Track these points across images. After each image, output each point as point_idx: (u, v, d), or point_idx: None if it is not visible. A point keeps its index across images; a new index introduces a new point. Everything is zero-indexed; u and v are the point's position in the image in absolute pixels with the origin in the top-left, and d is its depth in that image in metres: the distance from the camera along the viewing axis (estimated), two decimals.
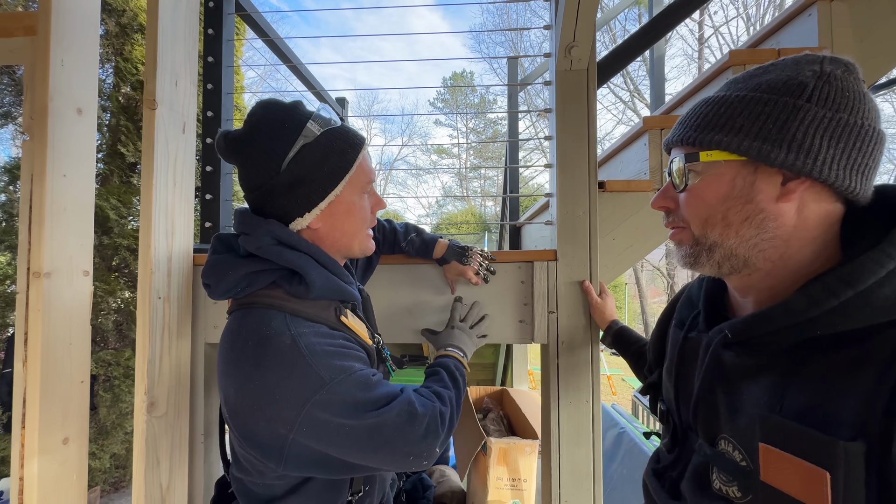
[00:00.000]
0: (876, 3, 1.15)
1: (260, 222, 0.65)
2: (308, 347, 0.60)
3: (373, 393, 0.63)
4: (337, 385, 0.60)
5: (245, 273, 0.65)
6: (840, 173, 0.43)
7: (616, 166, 1.57)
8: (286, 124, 0.64)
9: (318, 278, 0.66)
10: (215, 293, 0.67)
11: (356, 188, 0.69)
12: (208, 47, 1.27)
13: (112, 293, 3.05)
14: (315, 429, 0.59)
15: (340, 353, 0.63)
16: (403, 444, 0.63)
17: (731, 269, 0.49)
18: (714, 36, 10.90)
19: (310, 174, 0.64)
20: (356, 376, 0.62)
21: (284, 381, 0.59)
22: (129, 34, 3.17)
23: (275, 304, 0.64)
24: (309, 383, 0.59)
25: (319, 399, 0.58)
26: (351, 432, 0.60)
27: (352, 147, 0.67)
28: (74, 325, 0.96)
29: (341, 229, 0.70)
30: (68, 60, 0.95)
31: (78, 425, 0.96)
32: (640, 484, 1.93)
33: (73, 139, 0.96)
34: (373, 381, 0.64)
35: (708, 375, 0.51)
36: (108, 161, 3.12)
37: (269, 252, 0.64)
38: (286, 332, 0.61)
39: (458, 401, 0.75)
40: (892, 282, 0.39)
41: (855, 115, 0.42)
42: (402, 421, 0.62)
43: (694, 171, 0.49)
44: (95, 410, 2.93)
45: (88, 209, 1.00)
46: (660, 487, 0.56)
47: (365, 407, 0.61)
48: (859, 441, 0.36)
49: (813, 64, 0.45)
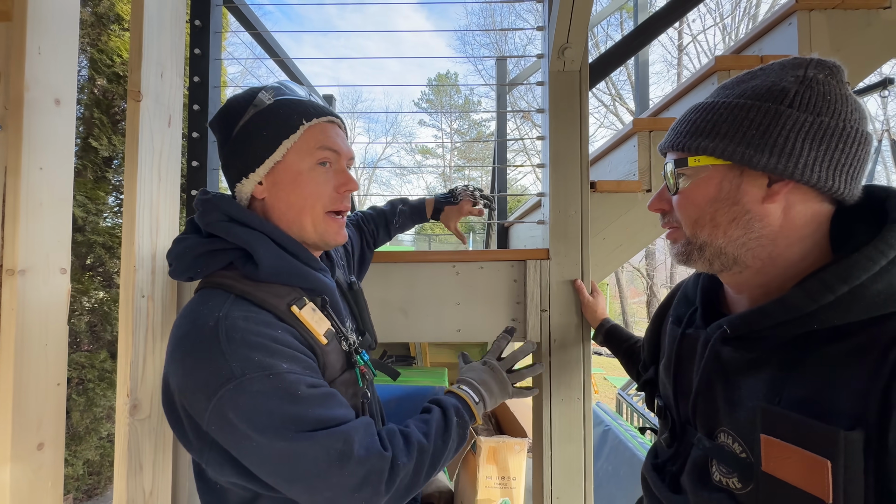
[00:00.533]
0: (851, 15, 1.20)
1: (211, 197, 0.63)
2: (227, 333, 0.52)
3: (297, 408, 0.52)
4: (249, 384, 0.50)
5: (201, 252, 0.61)
6: (823, 175, 0.44)
7: (605, 167, 1.60)
8: (244, 97, 0.64)
9: (268, 256, 0.59)
10: (175, 272, 0.63)
11: (304, 157, 0.63)
12: (195, 39, 1.23)
13: (86, 293, 2.92)
14: (222, 430, 0.51)
15: (268, 348, 0.53)
16: (325, 487, 0.52)
17: (722, 267, 0.51)
18: (692, 44, 11.25)
19: (251, 138, 0.62)
20: (278, 379, 0.52)
21: (196, 369, 0.52)
22: (105, 24, 3.05)
23: (224, 283, 0.59)
24: (217, 374, 0.50)
25: (226, 395, 0.50)
26: (258, 450, 0.50)
27: (298, 114, 0.63)
28: (51, 325, 0.92)
29: (287, 201, 0.63)
30: (46, 48, 0.90)
31: (54, 430, 0.92)
32: (625, 480, 1.97)
33: (50, 131, 0.91)
34: (303, 392, 0.53)
35: (707, 370, 0.53)
36: (81, 155, 2.99)
37: (219, 228, 0.60)
38: (214, 314, 0.54)
39: (438, 457, 0.61)
40: (885, 277, 0.41)
41: (836, 119, 0.44)
42: (329, 459, 0.51)
43: (684, 175, 0.52)
44: (68, 415, 2.81)
45: (67, 204, 0.96)
46: (660, 482, 0.57)
47: (281, 422, 0.50)
48: (858, 430, 0.37)
49: (797, 69, 0.46)
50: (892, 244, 0.41)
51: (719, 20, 10.67)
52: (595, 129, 12.71)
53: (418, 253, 1.14)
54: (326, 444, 0.52)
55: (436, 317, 1.13)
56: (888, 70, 7.79)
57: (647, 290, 12.09)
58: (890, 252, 0.41)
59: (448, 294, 1.13)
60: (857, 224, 0.46)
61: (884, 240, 0.42)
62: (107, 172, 3.11)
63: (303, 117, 0.63)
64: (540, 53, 1.24)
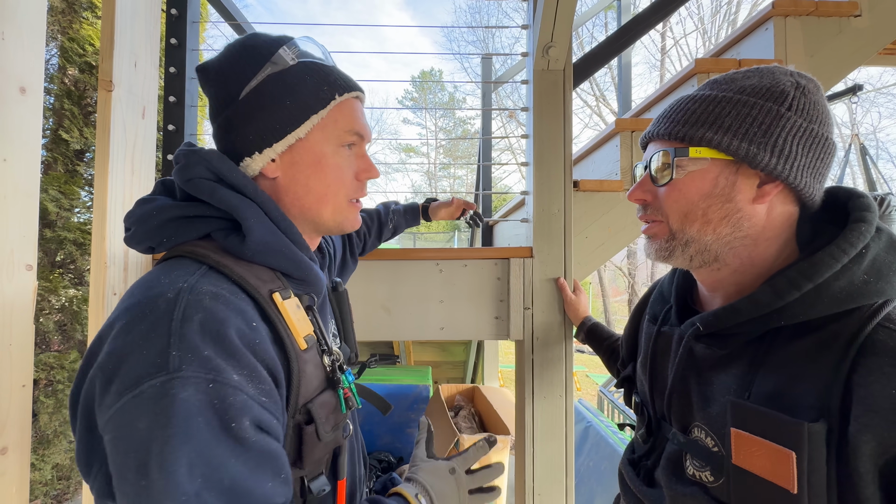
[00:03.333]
0: (825, 22, 1.25)
1: (198, 150, 0.51)
2: (185, 311, 0.39)
3: (220, 449, 0.37)
4: (180, 384, 0.36)
5: (172, 216, 0.48)
6: (808, 179, 0.46)
7: (587, 167, 1.62)
8: (258, 49, 0.52)
9: (259, 229, 0.48)
10: (133, 239, 0.49)
11: (330, 137, 0.53)
12: (171, 28, 1.20)
13: (55, 291, 2.81)
14: (117, 438, 0.36)
15: (225, 343, 0.40)
16: None
17: (702, 263, 0.51)
18: (674, 48, 11.49)
19: (269, 105, 0.51)
20: (220, 392, 0.37)
21: (126, 349, 0.38)
22: (76, 11, 2.93)
23: (197, 252, 0.47)
24: (146, 361, 0.37)
25: (145, 393, 0.36)
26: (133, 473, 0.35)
27: (330, 86, 0.53)
28: (15, 324, 0.87)
29: (305, 185, 0.53)
30: (10, 33, 0.86)
31: (18, 434, 0.88)
32: (606, 476, 2.00)
33: (14, 120, 0.87)
34: (240, 427, 0.38)
35: (681, 367, 0.54)
36: (52, 148, 2.87)
37: (202, 187, 0.48)
38: (176, 284, 0.41)
39: None
40: (846, 275, 0.42)
41: (822, 127, 0.46)
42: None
43: (679, 166, 0.50)
44: (36, 418, 2.70)
45: (32, 197, 0.91)
46: (635, 476, 0.58)
47: (190, 464, 0.35)
48: (821, 422, 0.39)
49: (787, 75, 0.48)
50: (853, 243, 0.43)
51: (700, 25, 10.92)
52: (580, 130, 12.88)
53: (402, 250, 1.13)
54: None
55: (419, 315, 1.13)
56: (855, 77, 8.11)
57: (629, 289, 12.31)
58: (851, 251, 0.43)
59: (432, 292, 1.13)
60: (822, 224, 0.48)
61: (845, 239, 0.43)
62: (78, 166, 2.99)
63: (335, 90, 0.53)
64: (525, 52, 1.24)
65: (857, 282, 0.42)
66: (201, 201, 0.49)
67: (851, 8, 1.26)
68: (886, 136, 12.16)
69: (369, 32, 36.28)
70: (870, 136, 10.09)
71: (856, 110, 3.40)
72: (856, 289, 0.42)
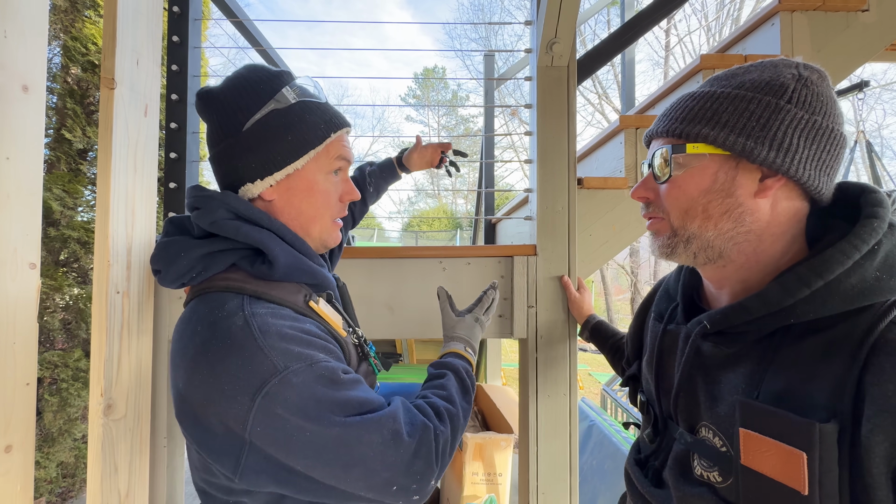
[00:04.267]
0: (832, 16, 1.23)
1: (214, 194, 0.58)
2: (261, 329, 0.51)
3: (341, 393, 0.52)
4: (293, 374, 0.49)
5: (200, 255, 0.56)
6: (811, 173, 0.45)
7: (591, 164, 1.61)
8: (262, 86, 0.59)
9: (283, 255, 0.57)
10: (166, 279, 0.58)
11: (322, 167, 0.62)
12: (173, 26, 1.19)
13: (59, 289, 2.82)
14: (270, 428, 0.49)
15: (302, 340, 0.53)
16: (383, 468, 0.51)
17: (706, 260, 0.51)
18: (678, 46, 11.42)
19: (272, 139, 0.58)
20: (319, 367, 0.52)
21: (233, 369, 0.49)
22: (79, 10, 2.93)
23: (232, 286, 0.55)
24: (259, 370, 0.49)
25: (271, 391, 0.48)
26: (313, 439, 0.49)
27: (326, 123, 0.61)
28: (19, 322, 0.88)
29: (298, 208, 0.62)
30: (12, 31, 0.86)
31: (23, 432, 0.88)
32: (609, 475, 1.99)
33: (17, 119, 0.87)
34: (342, 377, 0.53)
35: (687, 366, 0.53)
36: (55, 147, 2.88)
37: (226, 227, 0.56)
38: (239, 313, 0.52)
39: (466, 419, 0.64)
40: (858, 271, 0.41)
41: (827, 119, 0.45)
42: (384, 439, 0.52)
43: (677, 163, 0.50)
44: (41, 416, 2.71)
45: (36, 196, 0.91)
46: (643, 476, 0.58)
47: (330, 408, 0.50)
48: (833, 422, 0.38)
49: (791, 67, 0.47)
50: (864, 239, 0.42)
51: (704, 22, 10.85)
52: (583, 128, 12.83)
53: (404, 248, 1.12)
54: (378, 424, 0.52)
55: (422, 313, 1.12)
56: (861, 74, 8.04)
57: (632, 287, 12.28)
58: (863, 247, 0.42)
59: (435, 290, 1.12)
60: (832, 220, 0.47)
61: (857, 235, 0.42)
62: (81, 165, 3.00)
63: (330, 128, 0.61)
64: (528, 48, 1.23)
65: (869, 279, 0.41)
66: (221, 237, 0.57)
67: (859, 3, 1.24)
68: (891, 133, 12.07)
69: (370, 31, 36.21)
70: (875, 132, 10.02)
71: (861, 107, 3.37)
72: (868, 286, 0.41)
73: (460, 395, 0.66)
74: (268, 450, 0.49)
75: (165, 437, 1.09)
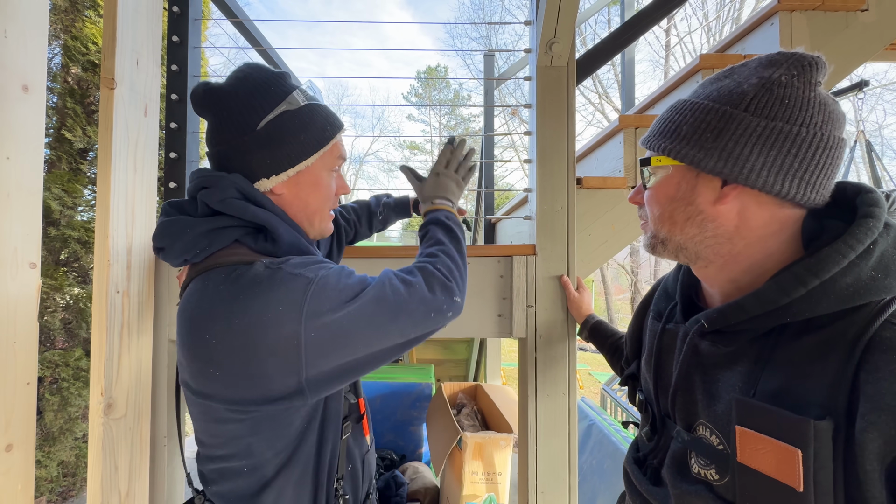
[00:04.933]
0: (831, 17, 1.23)
1: (223, 175, 0.62)
2: (284, 265, 0.58)
3: (355, 276, 0.61)
4: (323, 280, 0.57)
5: (205, 230, 0.59)
6: (770, 179, 0.45)
7: (590, 164, 1.61)
8: (272, 87, 0.63)
9: (286, 233, 0.63)
10: (171, 255, 0.61)
11: (326, 165, 0.68)
12: (173, 26, 1.19)
13: (59, 289, 2.83)
14: (323, 327, 0.55)
15: (317, 261, 0.61)
16: (416, 306, 0.60)
17: (687, 259, 0.54)
18: (678, 45, 11.41)
19: (286, 138, 0.63)
20: (334, 269, 0.60)
21: (272, 300, 0.54)
22: (79, 10, 2.94)
23: (244, 259, 0.60)
24: (295, 287, 0.55)
25: (313, 298, 0.55)
26: (358, 313, 0.57)
27: (331, 126, 0.67)
28: (19, 322, 0.88)
29: (304, 201, 0.67)
30: (12, 31, 0.86)
31: (23, 431, 0.88)
32: (609, 474, 2.00)
33: (18, 118, 0.87)
34: (349, 269, 0.62)
35: (685, 364, 0.53)
36: (55, 146, 2.88)
37: (233, 206, 0.60)
38: (257, 264, 0.58)
39: (458, 249, 0.73)
40: (854, 271, 0.42)
41: (792, 123, 0.44)
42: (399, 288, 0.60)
43: (651, 173, 0.55)
44: (41, 415, 2.71)
45: (36, 195, 0.92)
46: (641, 475, 0.58)
47: (356, 288, 0.59)
48: (827, 420, 0.38)
49: (767, 68, 0.46)
50: (860, 239, 0.42)
51: (704, 22, 10.84)
52: (583, 128, 12.83)
53: (403, 248, 1.12)
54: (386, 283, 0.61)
55: None
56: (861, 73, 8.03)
57: (632, 287, 12.28)
58: (858, 247, 0.42)
59: None
60: (829, 220, 0.47)
61: (852, 235, 0.42)
62: (82, 165, 3.00)
63: (334, 129, 0.68)
64: (527, 48, 1.23)
65: (864, 278, 0.41)
66: (223, 214, 0.61)
67: (858, 2, 1.24)
68: (892, 133, 12.06)
69: (370, 32, 36.18)
70: (875, 132, 10.01)
71: (861, 107, 3.36)
72: (863, 285, 0.41)
73: (446, 236, 0.74)
74: (321, 354, 0.55)
75: (166, 437, 1.09)
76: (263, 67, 0.65)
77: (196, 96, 0.64)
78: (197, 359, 0.56)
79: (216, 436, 0.62)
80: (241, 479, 0.62)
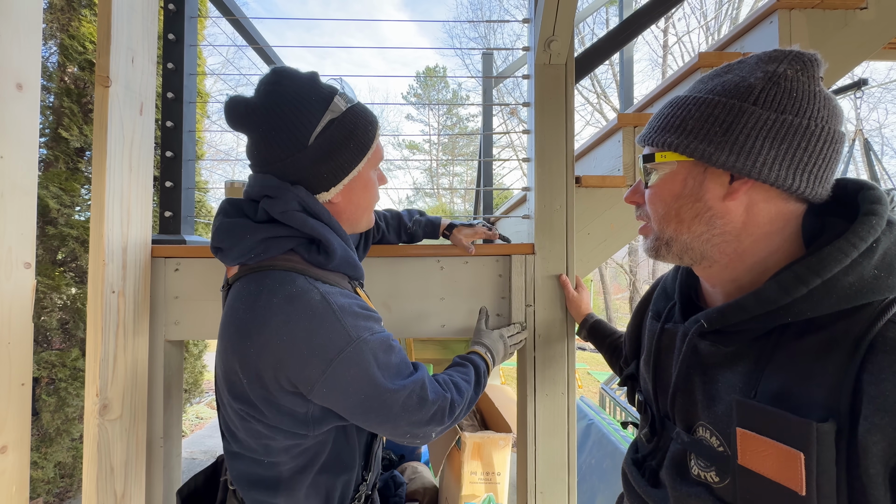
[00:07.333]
0: (830, 14, 1.23)
1: (287, 186, 0.64)
2: (337, 304, 0.61)
3: (392, 357, 0.64)
4: (363, 343, 0.60)
5: (264, 237, 0.63)
6: (781, 173, 0.44)
7: (589, 163, 1.60)
8: (313, 97, 0.64)
9: (339, 248, 0.66)
10: (228, 257, 0.64)
11: (372, 165, 0.71)
12: (169, 24, 1.18)
13: (56, 289, 2.81)
14: (338, 388, 0.59)
15: (365, 315, 0.64)
16: (407, 424, 0.64)
17: (692, 261, 0.52)
18: (677, 44, 11.41)
19: (337, 150, 0.65)
20: (379, 337, 0.63)
21: (314, 337, 0.58)
22: (76, 9, 2.92)
23: (297, 267, 0.64)
24: (337, 340, 0.59)
25: (347, 356, 0.59)
26: (365, 398, 0.61)
27: (372, 125, 0.69)
28: (14, 322, 0.87)
29: (356, 203, 0.71)
30: (5, 30, 0.85)
31: (18, 432, 0.87)
32: (608, 473, 1.99)
33: (11, 117, 0.86)
34: (393, 344, 0.66)
35: (685, 365, 0.53)
36: (52, 145, 2.87)
37: (293, 218, 0.63)
38: (314, 290, 0.61)
39: (473, 400, 0.77)
40: (856, 270, 0.41)
41: (801, 117, 0.44)
42: (412, 404, 0.64)
43: (654, 170, 0.52)
44: (38, 416, 2.70)
45: (30, 195, 0.91)
46: (640, 476, 0.57)
47: (388, 372, 0.63)
48: (830, 421, 0.37)
49: (770, 63, 0.46)
50: (862, 237, 0.41)
51: (703, 21, 10.84)
52: (582, 128, 12.82)
53: (402, 247, 1.12)
54: (412, 390, 0.64)
55: (420, 312, 1.12)
56: (860, 72, 8.04)
57: (630, 286, 12.28)
58: (861, 245, 0.41)
59: (433, 289, 1.12)
60: (830, 218, 0.47)
61: (855, 233, 0.42)
62: (79, 164, 2.99)
63: (374, 128, 0.70)
64: (526, 46, 1.23)
65: (867, 277, 0.40)
66: (283, 224, 0.64)
67: (857, 0, 1.24)
68: (891, 131, 12.07)
69: (368, 33, 36.13)
70: (874, 131, 10.01)
71: (860, 105, 3.36)
72: (866, 284, 0.40)
73: (474, 383, 0.79)
74: (324, 402, 0.61)
75: (162, 438, 1.08)
76: (294, 74, 0.65)
77: (236, 114, 0.64)
78: (236, 354, 0.62)
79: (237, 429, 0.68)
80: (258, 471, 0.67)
